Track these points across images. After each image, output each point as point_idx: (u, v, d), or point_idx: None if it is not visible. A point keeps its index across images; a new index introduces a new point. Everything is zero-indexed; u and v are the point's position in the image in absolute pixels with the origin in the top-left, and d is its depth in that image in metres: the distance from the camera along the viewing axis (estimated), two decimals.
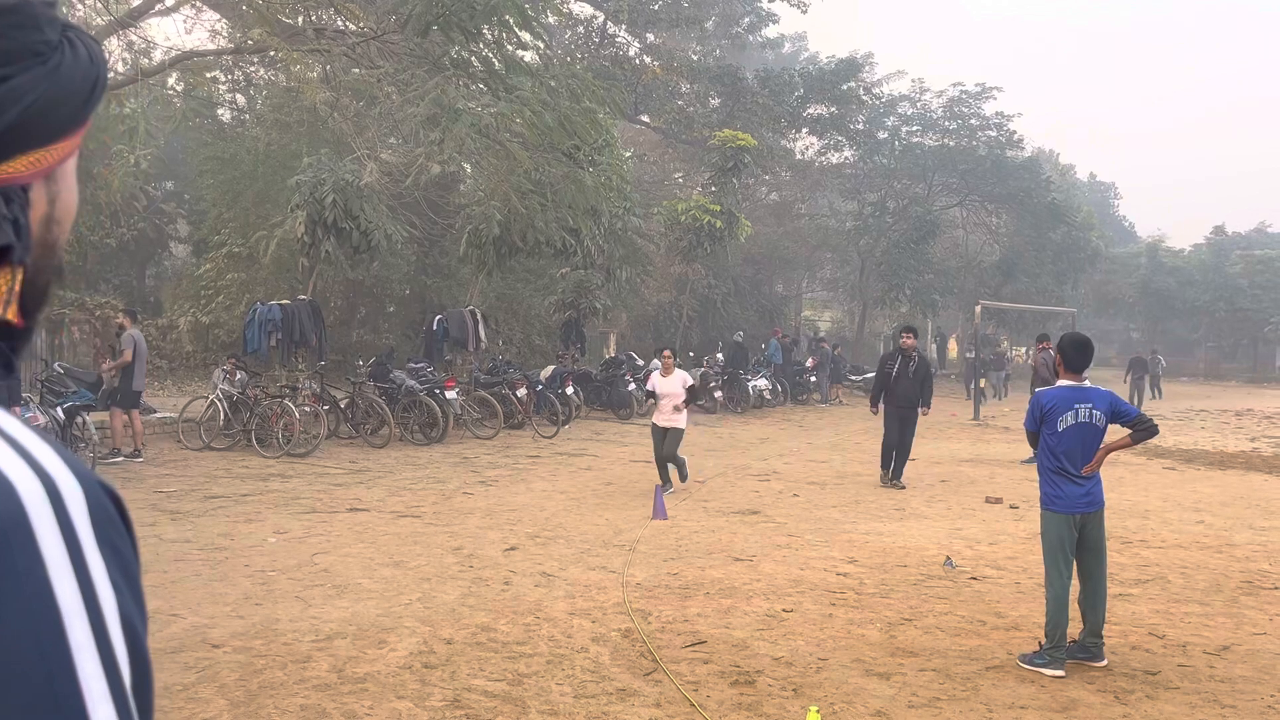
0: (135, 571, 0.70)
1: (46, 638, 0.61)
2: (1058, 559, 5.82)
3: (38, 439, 0.68)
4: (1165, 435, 20.97)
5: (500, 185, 16.94)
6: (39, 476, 0.65)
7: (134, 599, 0.69)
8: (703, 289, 30.10)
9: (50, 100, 0.73)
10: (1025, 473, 14.30)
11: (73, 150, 0.80)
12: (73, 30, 0.78)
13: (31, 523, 0.63)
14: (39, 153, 0.74)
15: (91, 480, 0.68)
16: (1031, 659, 5.73)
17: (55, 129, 0.75)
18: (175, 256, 28.70)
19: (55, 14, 0.76)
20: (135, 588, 0.69)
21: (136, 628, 0.68)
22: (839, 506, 11.26)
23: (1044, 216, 41.72)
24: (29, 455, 0.66)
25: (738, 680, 5.39)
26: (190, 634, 5.90)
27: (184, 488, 11.28)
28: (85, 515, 0.66)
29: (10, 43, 0.71)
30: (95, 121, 0.81)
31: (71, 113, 0.76)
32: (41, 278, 0.79)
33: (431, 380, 16.53)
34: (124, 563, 0.68)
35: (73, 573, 0.64)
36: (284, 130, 21.53)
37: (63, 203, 0.80)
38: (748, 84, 32.79)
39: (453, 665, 5.51)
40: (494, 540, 8.91)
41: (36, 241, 0.77)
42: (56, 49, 0.75)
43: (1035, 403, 6.07)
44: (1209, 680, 5.56)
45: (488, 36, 15.14)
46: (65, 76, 0.75)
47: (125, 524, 0.71)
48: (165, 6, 18.47)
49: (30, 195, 0.76)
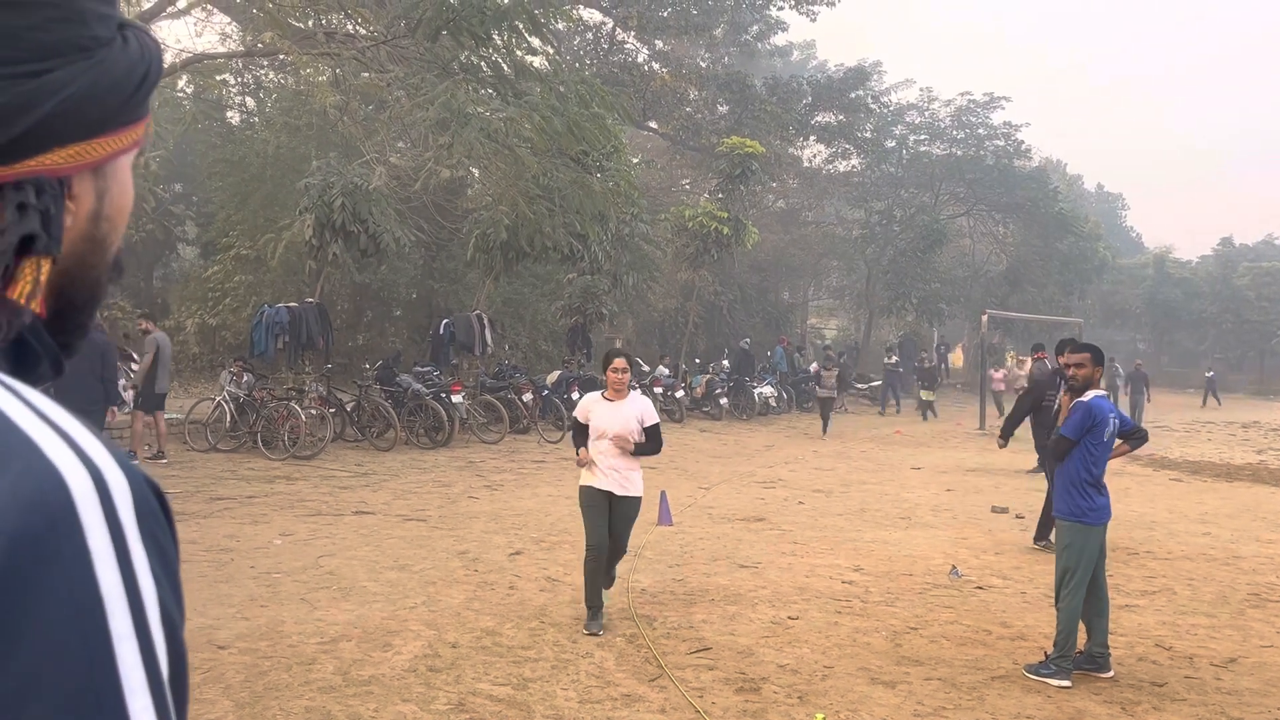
0: (175, 565, 0.71)
1: (88, 624, 0.62)
2: (1087, 573, 5.74)
3: (86, 432, 0.69)
4: (1171, 447, 20.94)
5: (508, 190, 16.96)
6: (87, 468, 0.65)
7: (173, 592, 0.69)
8: (709, 296, 30.11)
9: (91, 93, 0.73)
10: (1031, 483, 14.27)
11: (128, 147, 0.80)
12: (131, 28, 0.79)
13: (79, 512, 0.64)
14: (80, 146, 0.74)
15: (137, 474, 0.69)
16: (1038, 669, 5.70)
17: (98, 123, 0.75)
18: (183, 258, 28.77)
19: (107, 9, 0.76)
20: (175, 581, 0.70)
21: (175, 620, 0.68)
22: (844, 514, 11.24)
23: (1051, 226, 41.70)
24: (78, 447, 0.66)
25: (743, 687, 5.38)
26: (196, 635, 5.90)
27: (190, 489, 11.29)
28: (130, 508, 0.67)
29: (50, 36, 0.71)
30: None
31: (117, 107, 0.76)
32: (90, 273, 0.80)
33: (437, 384, 16.54)
34: (165, 556, 0.69)
35: (116, 563, 0.64)
36: (293, 133, 21.60)
37: (113, 199, 0.80)
38: (756, 91, 32.82)
39: (458, 669, 5.51)
40: (499, 544, 8.91)
41: (83, 237, 0.78)
42: (105, 44, 0.75)
43: (1088, 412, 5.83)
44: (1216, 692, 5.54)
45: (497, 42, 15.17)
46: (109, 70, 0.75)
47: (167, 519, 0.71)
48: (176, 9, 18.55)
49: (75, 189, 0.76)
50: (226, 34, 23.49)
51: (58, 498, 0.63)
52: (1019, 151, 42.16)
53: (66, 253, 0.77)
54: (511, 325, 24.69)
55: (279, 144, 21.57)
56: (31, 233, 0.73)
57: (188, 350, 21.80)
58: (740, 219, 25.69)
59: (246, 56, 20.57)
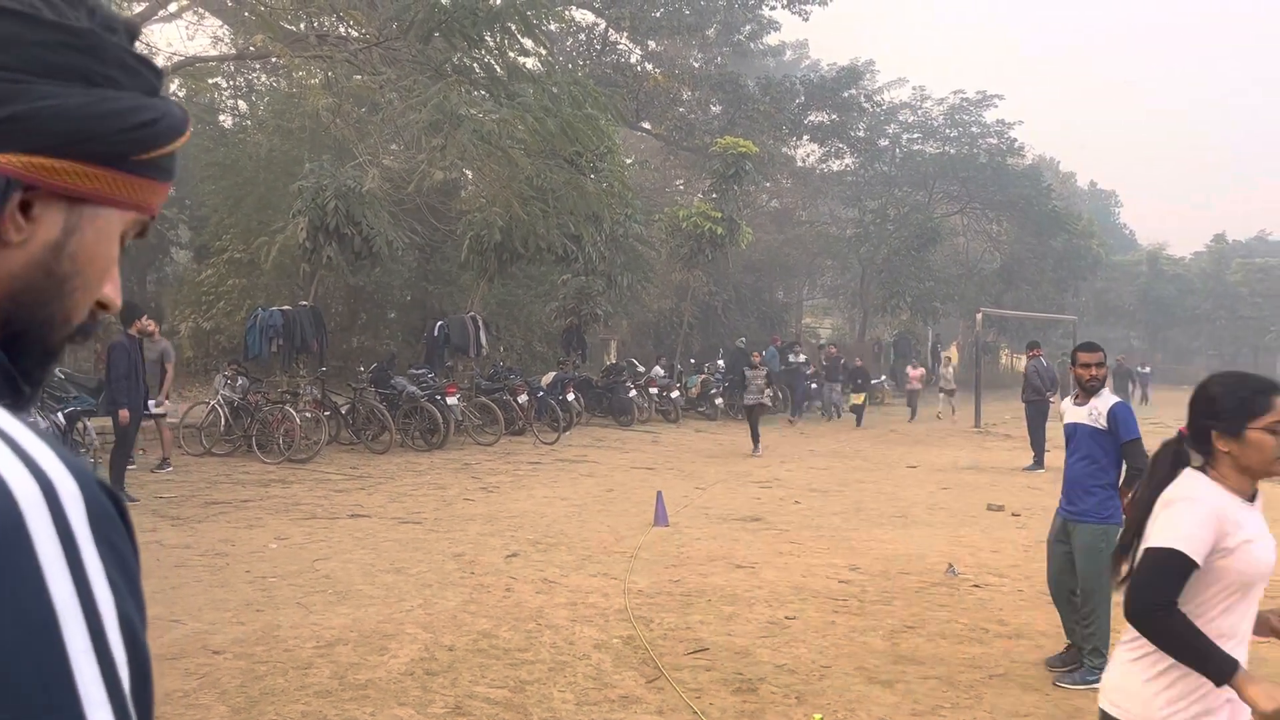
0: (135, 571, 0.69)
1: (41, 642, 0.60)
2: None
3: (36, 439, 0.67)
4: None
5: (502, 191, 16.95)
6: (35, 477, 0.64)
7: (133, 598, 0.67)
8: (704, 296, 30.11)
9: (75, 113, 0.73)
10: (1027, 480, 14.29)
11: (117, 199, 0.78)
12: (167, 100, 0.80)
13: (27, 523, 0.62)
14: (44, 159, 0.73)
15: (89, 479, 0.67)
16: (1085, 677, 5.52)
17: (70, 141, 0.73)
18: (176, 262, 28.66)
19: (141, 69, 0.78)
20: (135, 587, 0.68)
21: (136, 628, 0.67)
22: (841, 513, 11.24)
23: (1045, 224, 41.80)
24: (26, 455, 0.65)
25: (740, 688, 5.37)
26: (191, 640, 5.88)
27: (185, 493, 11.26)
28: (83, 514, 0.65)
29: (57, 59, 0.72)
30: None
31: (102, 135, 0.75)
32: (41, 310, 0.77)
33: (433, 386, 16.52)
34: (123, 562, 0.67)
35: (69, 574, 0.63)
36: (286, 136, 21.54)
37: (84, 242, 0.78)
38: (749, 91, 32.84)
39: (455, 672, 5.50)
40: (495, 547, 8.90)
41: (36, 264, 0.75)
42: (118, 87, 0.75)
43: (1131, 409, 5.87)
44: None
45: (490, 43, 15.17)
46: (112, 104, 0.75)
47: (125, 523, 0.70)
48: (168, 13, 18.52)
49: (36, 209, 0.74)
50: (218, 37, 23.45)
51: (3, 508, 0.62)
52: (1012, 149, 42.24)
53: (16, 275, 0.75)
54: (506, 327, 24.65)
55: (271, 147, 21.52)
56: None
57: (182, 354, 21.73)
58: (734, 219, 25.69)
59: (238, 59, 20.54)
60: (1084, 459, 5.85)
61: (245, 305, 20.39)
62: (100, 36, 0.74)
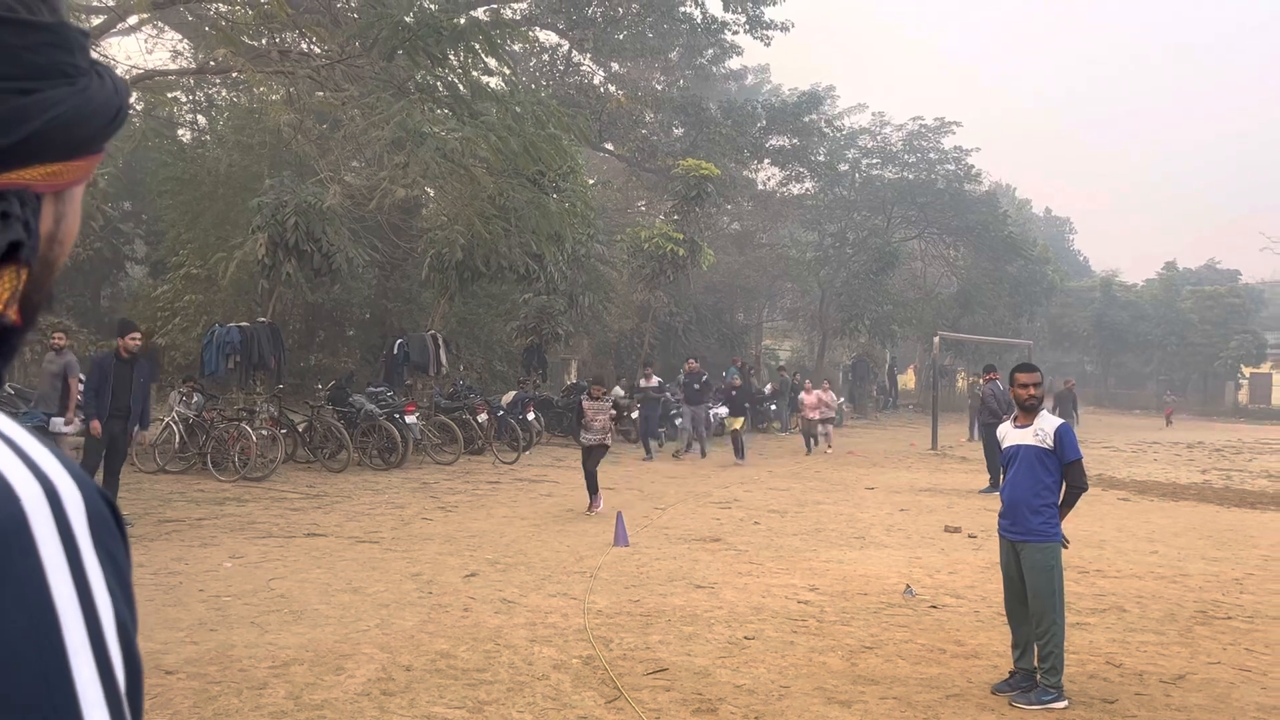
0: (129, 577, 0.70)
1: (43, 641, 0.61)
2: (1063, 590, 5.86)
3: (38, 444, 0.68)
4: (1119, 466, 21.27)
5: (464, 210, 16.92)
6: (39, 480, 0.65)
7: (127, 604, 0.69)
8: (665, 316, 30.20)
9: (76, 117, 0.75)
10: (983, 502, 14.43)
11: (85, 175, 0.81)
12: (101, 66, 0.80)
13: (31, 526, 0.63)
14: (56, 166, 0.75)
15: (89, 486, 0.68)
16: (1040, 697, 5.62)
17: (74, 146, 0.76)
18: (131, 277, 28.31)
19: (88, 43, 0.78)
20: (129, 593, 0.69)
21: (130, 633, 0.68)
22: (800, 534, 11.28)
23: (1001, 250, 42.42)
24: (30, 459, 0.66)
25: (700, 708, 5.37)
26: (143, 660, 5.77)
27: (137, 511, 11.08)
28: (84, 520, 0.66)
29: (43, 59, 0.73)
30: None
31: (92, 135, 0.77)
32: (38, 296, 0.80)
33: (391, 404, 16.41)
34: (119, 568, 0.68)
35: (70, 577, 0.63)
36: (246, 152, 21.39)
37: (67, 225, 0.81)
38: (711, 114, 33.10)
39: (412, 692, 5.45)
40: (454, 566, 8.83)
41: (38, 258, 0.77)
42: (85, 74, 0.77)
43: (1073, 432, 6.05)
44: (1165, 709, 5.62)
45: (454, 62, 15.17)
46: (92, 99, 0.76)
47: (120, 530, 0.70)
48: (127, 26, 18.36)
49: (41, 210, 0.76)
50: (178, 51, 23.30)
51: (9, 510, 0.62)
52: (969, 176, 42.87)
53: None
54: (466, 345, 24.56)
55: (231, 162, 21.36)
56: (17, 240, 0.73)
57: None
58: (696, 240, 25.84)
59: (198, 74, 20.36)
60: (1030, 479, 5.97)
61: (202, 321, 20.18)
62: (68, 28, 0.76)
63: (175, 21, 20.62)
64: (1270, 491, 17.23)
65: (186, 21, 20.74)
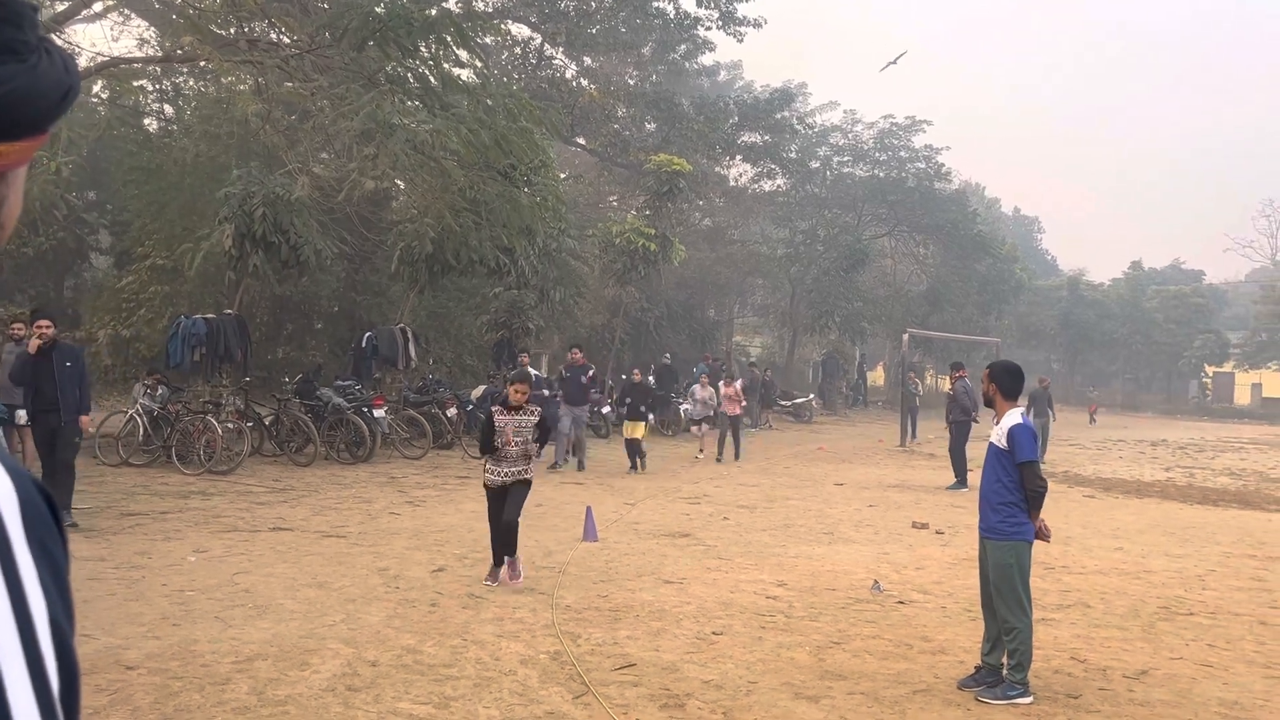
0: (65, 574, 0.67)
1: None
2: (1027, 587, 5.86)
3: None
4: (1085, 464, 21.49)
5: (434, 202, 16.80)
6: None
7: (63, 603, 0.65)
8: (636, 312, 30.15)
9: (23, 97, 0.72)
10: (951, 499, 14.52)
11: (27, 157, 0.78)
12: (48, 41, 0.77)
13: None
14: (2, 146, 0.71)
15: (25, 478, 0.64)
16: (1005, 692, 5.65)
17: (20, 126, 0.73)
18: (95, 268, 27.90)
19: (36, 18, 0.76)
20: (65, 591, 0.66)
21: (65, 633, 0.64)
22: (769, 530, 11.30)
23: (970, 248, 42.73)
24: None
25: (667, 703, 5.35)
26: (103, 655, 5.69)
27: (100, 504, 10.93)
28: (17, 516, 0.63)
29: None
30: None
31: (39, 115, 0.75)
32: None
33: (359, 398, 16.28)
34: (54, 564, 0.65)
35: (2, 576, 0.60)
36: (213, 142, 21.12)
37: (8, 209, 0.78)
38: (683, 110, 33.06)
39: (378, 688, 5.40)
40: (421, 561, 8.78)
41: None
42: (35, 51, 0.74)
43: (1031, 432, 5.95)
44: (1128, 704, 5.66)
45: (425, 53, 15.04)
46: (41, 78, 0.74)
47: (57, 525, 0.67)
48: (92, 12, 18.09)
49: None
50: (144, 39, 22.97)
51: None
52: (939, 174, 43.14)
53: None
54: (436, 339, 24.40)
55: (198, 152, 21.07)
56: None
57: (99, 362, 21.13)
58: (667, 236, 25.80)
59: (165, 62, 20.11)
60: (990, 477, 6.03)
61: (167, 313, 19.92)
62: (17, 2, 0.72)
63: (142, 8, 20.33)
64: (1232, 489, 17.47)
65: (153, 9, 20.47)
